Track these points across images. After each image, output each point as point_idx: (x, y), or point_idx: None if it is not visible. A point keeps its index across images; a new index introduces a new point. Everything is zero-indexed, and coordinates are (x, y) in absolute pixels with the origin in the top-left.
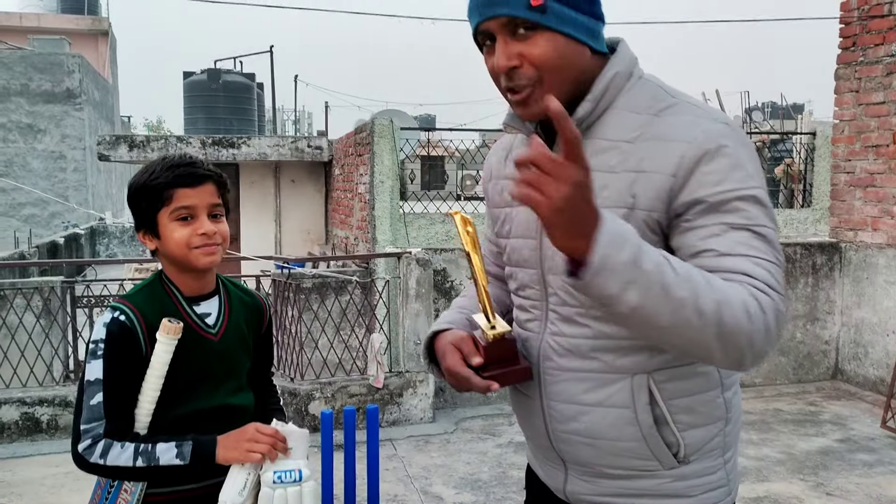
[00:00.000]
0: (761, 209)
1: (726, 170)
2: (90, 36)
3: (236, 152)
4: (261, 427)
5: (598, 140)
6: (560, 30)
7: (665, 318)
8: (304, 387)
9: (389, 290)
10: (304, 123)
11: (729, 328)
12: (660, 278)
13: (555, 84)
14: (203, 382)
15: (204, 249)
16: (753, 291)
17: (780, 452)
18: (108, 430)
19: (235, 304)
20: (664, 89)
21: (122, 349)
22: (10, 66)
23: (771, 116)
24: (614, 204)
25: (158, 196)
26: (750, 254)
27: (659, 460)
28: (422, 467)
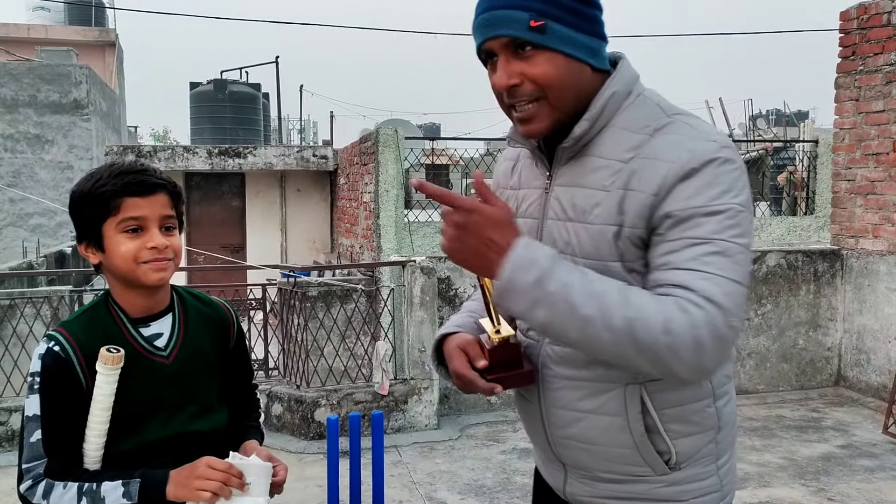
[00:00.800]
0: (729, 225)
1: (701, 186)
2: (97, 47)
3: (242, 162)
4: (212, 462)
5: (594, 158)
6: (560, 49)
7: (574, 334)
8: (309, 394)
9: (394, 298)
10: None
11: (644, 343)
12: (565, 298)
13: (556, 101)
14: (156, 410)
15: (154, 264)
16: (685, 305)
17: (782, 458)
18: (49, 468)
19: (193, 320)
20: (661, 107)
21: (57, 382)
22: (18, 78)
23: (775, 124)
24: (605, 222)
25: (104, 205)
26: (700, 268)
27: (651, 466)
28: (426, 473)
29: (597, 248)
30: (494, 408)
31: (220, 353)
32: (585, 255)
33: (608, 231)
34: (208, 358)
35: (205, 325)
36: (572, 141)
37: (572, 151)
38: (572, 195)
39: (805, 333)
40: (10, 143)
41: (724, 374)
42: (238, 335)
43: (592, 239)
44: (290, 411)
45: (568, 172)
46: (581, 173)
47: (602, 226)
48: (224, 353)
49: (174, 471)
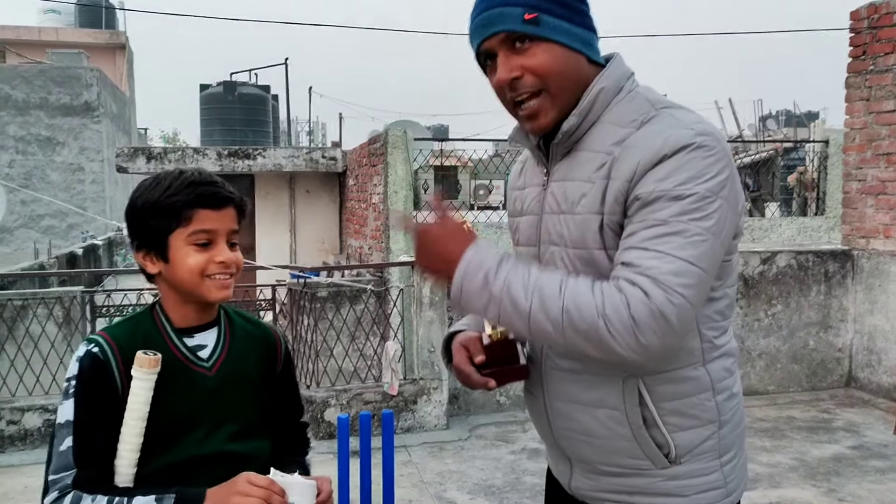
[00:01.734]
0: (692, 209)
1: (669, 171)
2: (108, 50)
3: (252, 163)
4: (253, 478)
5: (584, 152)
6: (556, 39)
7: (522, 327)
8: (319, 394)
9: (403, 298)
10: (318, 134)
11: (583, 329)
12: (508, 294)
13: (557, 92)
14: (195, 425)
15: (219, 281)
16: (623, 285)
17: (792, 459)
18: (77, 480)
19: (239, 337)
20: (650, 101)
21: (95, 386)
22: (30, 80)
23: (785, 125)
24: (589, 211)
25: (175, 215)
26: (650, 247)
27: (651, 460)
28: (436, 473)
29: (582, 238)
30: (504, 408)
31: (266, 377)
32: (574, 245)
33: (593, 220)
34: (252, 378)
35: (251, 344)
36: (562, 136)
37: (565, 147)
38: (564, 189)
39: (816, 334)
40: (21, 145)
41: (724, 368)
42: (286, 361)
43: (578, 228)
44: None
45: (562, 168)
46: (572, 168)
47: (587, 215)
48: (270, 377)
49: (211, 489)
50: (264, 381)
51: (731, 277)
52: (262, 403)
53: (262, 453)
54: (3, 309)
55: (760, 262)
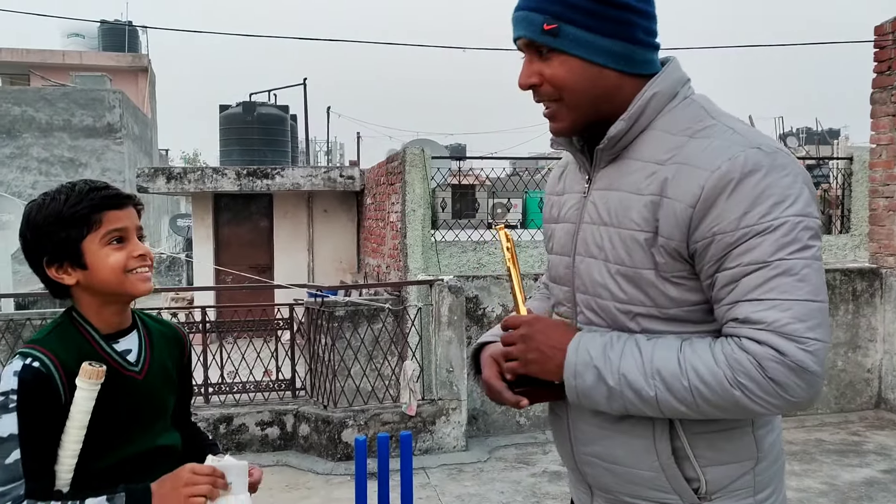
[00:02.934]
0: (787, 241)
1: (747, 202)
2: (130, 72)
3: (270, 182)
4: (196, 468)
5: (631, 161)
6: (573, 53)
7: (654, 412)
8: (336, 414)
9: (422, 317)
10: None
11: (720, 403)
12: (627, 385)
13: (573, 104)
14: (131, 426)
15: (141, 274)
16: (749, 345)
17: (822, 483)
18: (29, 490)
19: (156, 338)
20: (707, 110)
21: (39, 399)
22: (54, 103)
23: (806, 142)
24: (638, 227)
25: (85, 221)
26: (764, 297)
27: (678, 494)
28: (455, 496)
29: (629, 255)
30: (524, 429)
31: (178, 371)
32: (618, 262)
33: (640, 237)
34: (171, 375)
35: (165, 343)
36: (607, 142)
37: (611, 154)
38: (608, 199)
39: (844, 354)
40: (44, 167)
41: None
42: (189, 355)
43: (624, 244)
44: (318, 431)
45: (607, 176)
46: (618, 176)
47: (634, 231)
48: (180, 372)
49: (154, 483)
50: (178, 376)
51: None
52: (175, 397)
53: (179, 443)
54: (23, 328)
55: (821, 270)
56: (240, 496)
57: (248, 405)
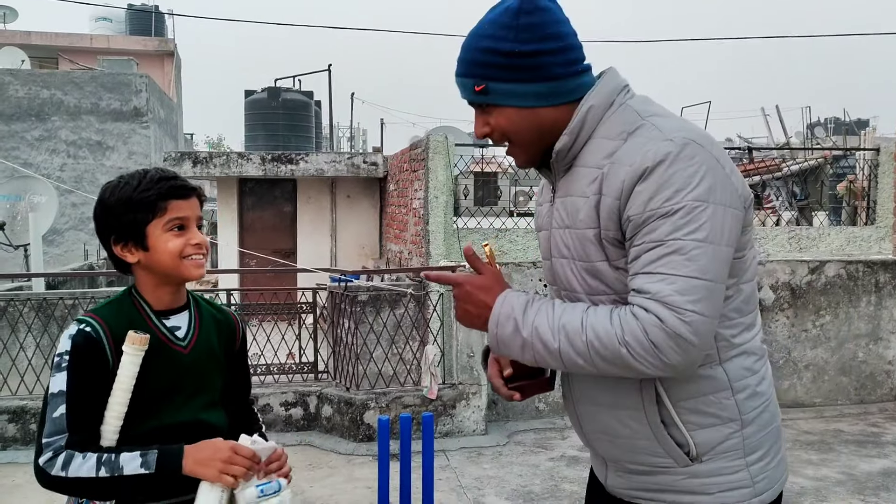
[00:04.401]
0: (683, 223)
1: (653, 189)
2: (156, 57)
3: (294, 168)
4: (238, 447)
5: (579, 168)
6: (505, 104)
7: (556, 364)
8: (359, 396)
9: (443, 302)
10: (359, 140)
11: (610, 358)
12: (539, 338)
13: (522, 143)
14: (173, 396)
15: (195, 261)
16: (637, 311)
17: (840, 473)
18: (70, 442)
19: (206, 319)
20: (638, 112)
21: (88, 361)
22: (81, 86)
23: (834, 132)
24: (587, 225)
25: (151, 208)
26: (655, 270)
27: (672, 458)
28: (474, 478)
29: (585, 251)
30: (543, 415)
31: (227, 355)
32: (579, 258)
33: (589, 234)
34: (217, 356)
35: (216, 325)
36: (555, 156)
37: (564, 165)
38: (566, 204)
39: (865, 346)
40: (73, 150)
41: (743, 367)
42: (243, 342)
43: (580, 242)
44: (340, 413)
45: (563, 184)
46: (570, 183)
47: (584, 230)
48: (230, 355)
49: (190, 446)
50: (226, 359)
51: (746, 273)
52: (223, 379)
53: (224, 423)
54: (54, 308)
55: (808, 272)
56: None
57: (273, 386)
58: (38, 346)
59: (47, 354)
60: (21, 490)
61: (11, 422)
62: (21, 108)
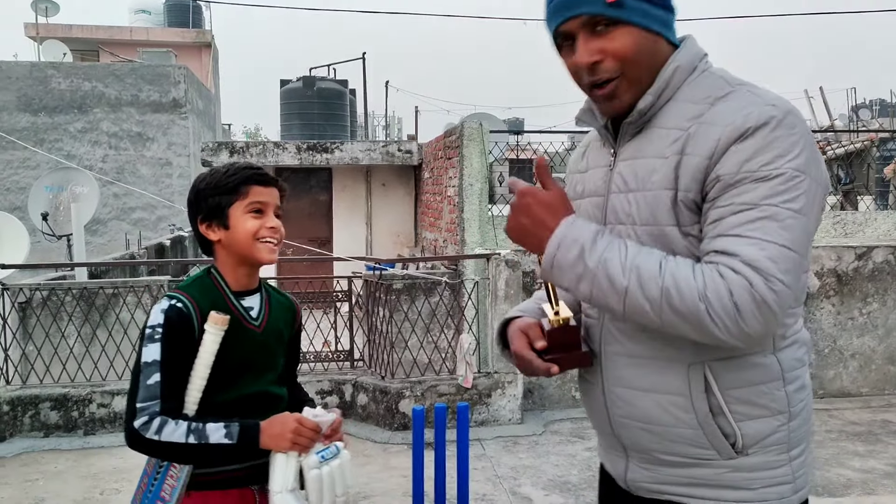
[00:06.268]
0: (781, 190)
1: (753, 149)
2: (194, 48)
3: (329, 157)
4: (304, 420)
5: (656, 129)
6: (637, 22)
7: (615, 305)
8: (394, 385)
9: (478, 291)
10: (394, 128)
11: (682, 310)
12: (605, 271)
13: (636, 75)
14: (247, 370)
15: (268, 245)
16: (724, 271)
17: (888, 465)
18: (163, 408)
19: (274, 303)
20: (725, 80)
21: (180, 334)
22: (122, 78)
23: (880, 115)
24: (662, 187)
25: (235, 190)
26: (745, 234)
27: (716, 449)
28: (510, 468)
29: (653, 215)
30: (579, 403)
31: (289, 335)
32: (644, 223)
33: (665, 196)
34: (282, 336)
35: (282, 309)
36: (636, 115)
37: (637, 126)
38: (633, 167)
39: None
40: (114, 141)
41: (795, 358)
42: (299, 326)
43: (649, 205)
44: (375, 402)
45: (631, 147)
46: (643, 145)
47: (659, 191)
48: (290, 335)
49: (264, 422)
50: (288, 339)
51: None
52: (284, 357)
53: (286, 395)
54: (96, 296)
55: (855, 258)
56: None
57: (309, 374)
58: (79, 335)
59: (88, 343)
60: (63, 477)
61: (54, 409)
62: (64, 101)
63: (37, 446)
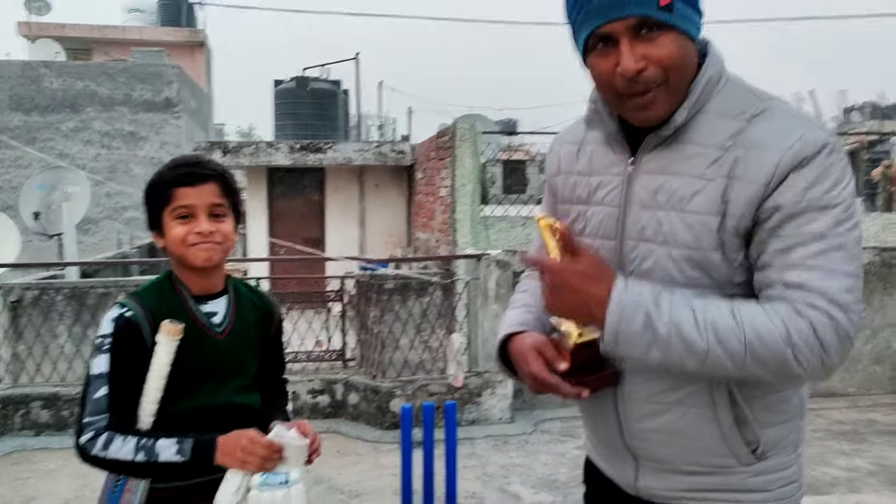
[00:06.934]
0: (843, 218)
1: (813, 178)
2: (188, 47)
3: (323, 157)
4: (255, 437)
5: (689, 145)
6: (683, 28)
7: (694, 366)
8: (385, 384)
9: (469, 291)
10: (388, 129)
11: (768, 359)
12: (679, 336)
13: (677, 85)
14: (208, 379)
15: (200, 247)
16: (804, 310)
17: (872, 464)
18: (110, 423)
19: (244, 305)
20: (754, 93)
21: (128, 344)
22: (114, 77)
23: (871, 117)
24: (707, 211)
25: (163, 195)
26: (817, 266)
27: (737, 457)
28: (500, 466)
29: (696, 238)
30: (569, 403)
31: (262, 340)
32: (682, 245)
33: (711, 221)
34: (253, 341)
35: (253, 312)
36: (672, 129)
37: (661, 137)
38: (664, 183)
39: None
40: (106, 140)
41: None
42: (278, 326)
43: (691, 229)
44: (367, 401)
45: (657, 159)
46: (674, 160)
47: (703, 215)
48: (265, 340)
49: (221, 438)
50: (261, 344)
51: None
52: (257, 362)
53: (256, 404)
54: (87, 296)
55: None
56: (290, 468)
57: (300, 374)
58: (70, 334)
59: (79, 342)
60: (54, 475)
61: (45, 408)
62: (56, 100)
63: (28, 445)
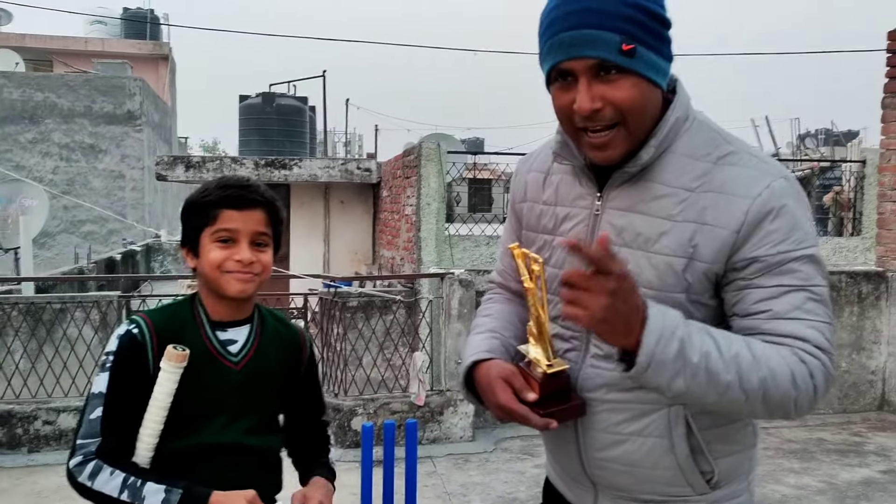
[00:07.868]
0: (816, 268)
1: (786, 229)
2: (151, 60)
3: (288, 173)
4: (254, 501)
5: (656, 185)
6: (645, 74)
7: (711, 399)
8: (346, 402)
9: (433, 309)
10: (354, 146)
11: (775, 399)
12: (706, 366)
13: (634, 127)
14: (215, 414)
15: (237, 276)
16: (804, 356)
17: (821, 482)
18: (101, 447)
19: (269, 336)
20: (720, 134)
21: (130, 365)
22: (75, 89)
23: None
24: (673, 253)
25: (205, 214)
26: (804, 317)
27: (692, 486)
28: (460, 485)
29: (661, 279)
30: None
31: (288, 376)
32: (646, 285)
33: (676, 263)
34: (275, 376)
35: (279, 344)
36: (638, 167)
37: (628, 174)
38: (631, 221)
39: (848, 356)
40: (65, 152)
41: None
42: (309, 363)
43: (656, 269)
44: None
45: (623, 196)
46: (641, 199)
47: (669, 257)
48: (293, 377)
49: (215, 495)
50: (287, 380)
51: None
52: (280, 401)
53: (275, 447)
54: (43, 312)
55: None
56: None
57: None
58: (25, 351)
59: (34, 359)
60: (6, 494)
61: None
62: (14, 111)
63: None
